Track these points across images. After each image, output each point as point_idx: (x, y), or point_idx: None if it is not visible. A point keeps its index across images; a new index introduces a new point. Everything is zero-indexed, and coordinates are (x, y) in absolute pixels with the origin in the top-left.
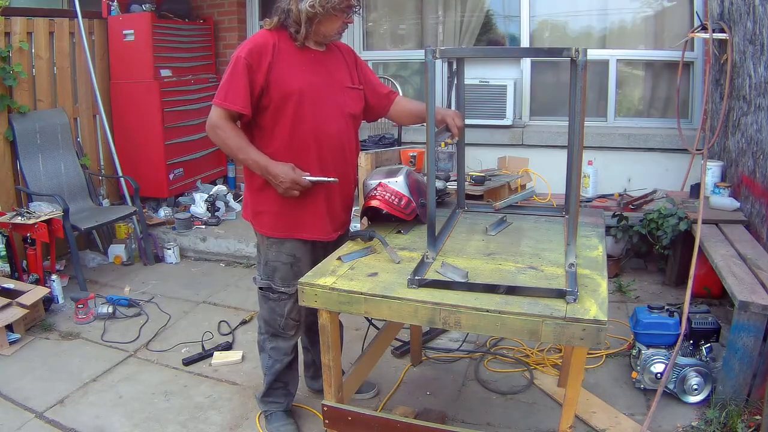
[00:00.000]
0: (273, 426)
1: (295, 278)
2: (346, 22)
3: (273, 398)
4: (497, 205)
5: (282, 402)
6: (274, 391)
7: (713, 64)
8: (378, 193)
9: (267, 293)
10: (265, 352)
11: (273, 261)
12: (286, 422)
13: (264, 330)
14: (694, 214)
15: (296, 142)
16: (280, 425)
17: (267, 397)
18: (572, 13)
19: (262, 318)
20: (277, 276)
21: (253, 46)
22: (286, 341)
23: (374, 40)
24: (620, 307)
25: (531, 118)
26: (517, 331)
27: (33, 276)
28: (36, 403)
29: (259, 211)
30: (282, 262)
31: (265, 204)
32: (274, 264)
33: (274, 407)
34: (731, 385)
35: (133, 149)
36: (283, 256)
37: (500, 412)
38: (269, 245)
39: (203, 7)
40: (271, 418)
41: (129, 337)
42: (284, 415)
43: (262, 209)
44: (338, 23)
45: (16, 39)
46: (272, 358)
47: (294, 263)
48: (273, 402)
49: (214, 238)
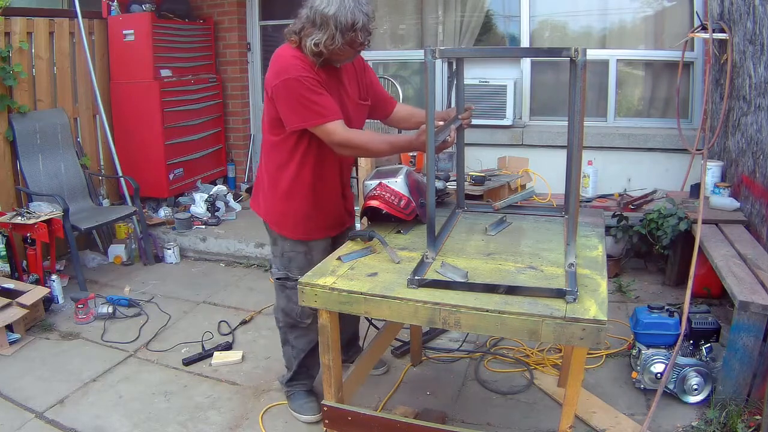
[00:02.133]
0: (296, 404)
1: (309, 266)
2: (358, 50)
3: (297, 380)
4: (497, 205)
5: (305, 383)
6: (298, 376)
7: (713, 64)
8: (378, 193)
9: (284, 282)
10: (288, 344)
11: (289, 252)
12: (308, 400)
13: (282, 322)
14: (694, 214)
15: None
16: (303, 403)
17: (292, 381)
18: (572, 13)
19: (279, 309)
20: (293, 266)
21: (305, 65)
22: (303, 331)
23: (374, 40)
24: (620, 307)
25: (531, 118)
26: (517, 331)
27: (33, 276)
28: (36, 403)
29: (283, 217)
30: (297, 251)
31: (289, 211)
32: (290, 254)
33: (298, 387)
34: (731, 385)
35: (133, 149)
36: (299, 246)
37: (500, 412)
38: (285, 237)
39: (203, 7)
40: (293, 397)
41: (129, 337)
42: (306, 394)
43: (285, 215)
44: (348, 54)
45: (16, 39)
46: (296, 348)
47: (308, 252)
48: (297, 383)
49: (214, 238)
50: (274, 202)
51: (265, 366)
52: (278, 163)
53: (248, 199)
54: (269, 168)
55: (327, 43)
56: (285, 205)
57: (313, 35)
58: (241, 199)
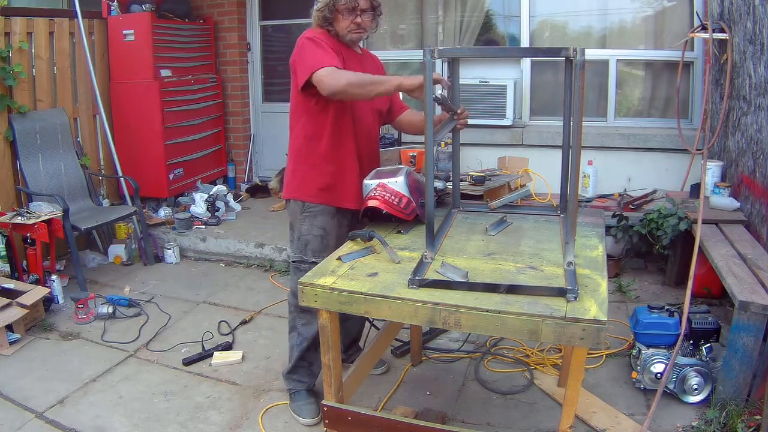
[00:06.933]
0: (296, 404)
1: (324, 250)
2: (355, 23)
3: (298, 376)
4: (493, 205)
5: (306, 381)
6: (299, 369)
7: (713, 64)
8: (378, 193)
9: (299, 265)
10: (295, 331)
11: (305, 235)
12: (308, 401)
13: (293, 305)
14: (694, 214)
15: (342, 128)
16: (303, 404)
17: (292, 374)
18: (572, 13)
19: (292, 292)
20: (309, 248)
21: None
22: (314, 317)
23: (374, 40)
24: (620, 307)
25: (531, 118)
26: (517, 331)
27: (33, 276)
28: (36, 403)
29: (308, 182)
30: (314, 234)
31: (314, 176)
32: (307, 237)
33: (299, 386)
34: (731, 385)
35: (133, 149)
36: (315, 229)
37: (500, 412)
38: (303, 219)
39: (203, 7)
40: (294, 397)
41: (129, 337)
42: (307, 394)
43: (310, 180)
44: (346, 23)
45: (16, 39)
46: (301, 336)
47: (324, 236)
48: (297, 380)
49: (214, 238)
50: (295, 168)
51: (265, 366)
52: (305, 134)
53: (248, 199)
54: (293, 145)
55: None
56: (312, 171)
57: (317, 2)
58: (241, 199)
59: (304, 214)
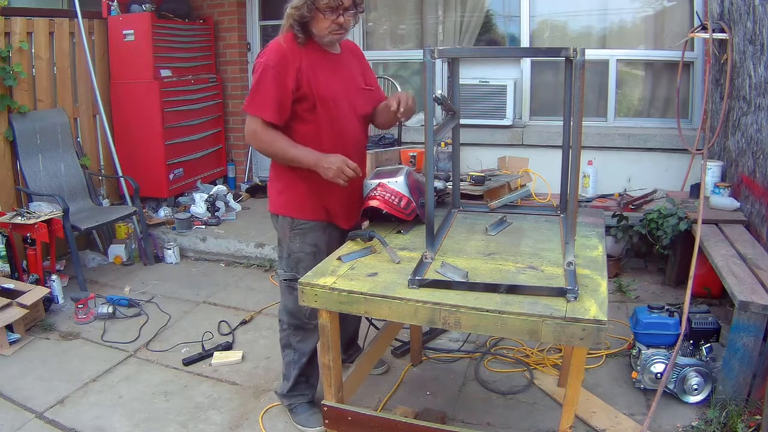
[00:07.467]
0: (300, 417)
1: None
2: (336, 23)
3: (297, 392)
4: (493, 205)
5: (307, 394)
6: (298, 386)
7: (713, 64)
8: (378, 193)
9: (292, 284)
10: (290, 348)
11: (297, 252)
12: (312, 411)
13: (287, 324)
14: (694, 214)
15: (325, 143)
16: (307, 415)
17: (292, 392)
18: (572, 13)
19: (285, 311)
20: (301, 266)
21: (279, 53)
22: (309, 333)
23: (374, 40)
24: (620, 307)
25: (531, 118)
26: (517, 331)
27: (33, 276)
28: (36, 403)
29: (294, 197)
30: (305, 252)
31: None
32: (298, 255)
33: (300, 399)
34: (731, 385)
35: (133, 149)
36: (306, 247)
37: (500, 412)
38: (293, 237)
39: (203, 7)
40: (296, 410)
41: (129, 337)
42: (309, 406)
43: (297, 195)
44: (326, 23)
45: (16, 39)
46: (298, 352)
47: (317, 253)
48: (299, 395)
49: (214, 238)
50: (293, 182)
51: (265, 366)
52: None
53: (248, 199)
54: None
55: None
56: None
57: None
58: (241, 199)
59: (294, 231)
